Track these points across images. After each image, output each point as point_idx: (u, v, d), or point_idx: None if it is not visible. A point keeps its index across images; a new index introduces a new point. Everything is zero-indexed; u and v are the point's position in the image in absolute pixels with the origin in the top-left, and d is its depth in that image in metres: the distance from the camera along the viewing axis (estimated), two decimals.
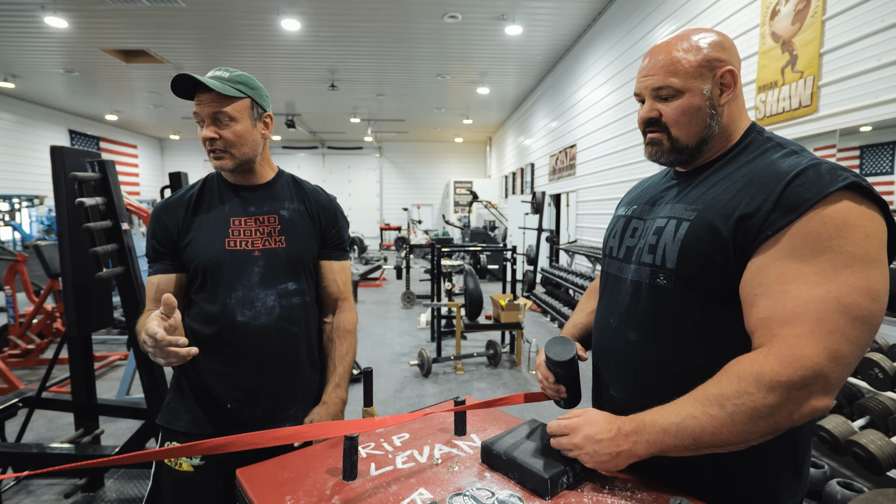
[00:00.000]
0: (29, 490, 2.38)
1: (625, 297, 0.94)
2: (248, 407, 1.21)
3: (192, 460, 1.19)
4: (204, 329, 1.20)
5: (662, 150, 0.91)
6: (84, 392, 2.33)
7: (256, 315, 1.20)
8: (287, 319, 1.23)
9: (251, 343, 1.20)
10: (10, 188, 10.14)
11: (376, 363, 4.51)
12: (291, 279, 1.25)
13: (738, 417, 0.71)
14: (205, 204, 1.24)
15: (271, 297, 1.21)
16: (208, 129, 1.14)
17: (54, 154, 2.10)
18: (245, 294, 1.19)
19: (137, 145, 14.84)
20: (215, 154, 1.16)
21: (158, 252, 1.22)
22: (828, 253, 0.71)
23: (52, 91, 9.87)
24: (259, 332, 1.20)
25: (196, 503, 1.22)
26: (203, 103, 1.13)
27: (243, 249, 1.20)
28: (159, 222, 1.22)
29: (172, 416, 1.23)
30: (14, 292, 4.33)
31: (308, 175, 16.73)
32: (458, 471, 0.91)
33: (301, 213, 1.29)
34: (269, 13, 6.06)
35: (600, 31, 6.09)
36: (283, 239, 1.24)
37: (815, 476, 2.29)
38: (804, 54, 2.80)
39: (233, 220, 1.22)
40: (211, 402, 1.21)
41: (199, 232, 1.20)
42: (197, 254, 1.19)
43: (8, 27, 6.50)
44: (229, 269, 1.19)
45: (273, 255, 1.22)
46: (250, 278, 1.20)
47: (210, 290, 1.20)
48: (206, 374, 1.21)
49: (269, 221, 1.24)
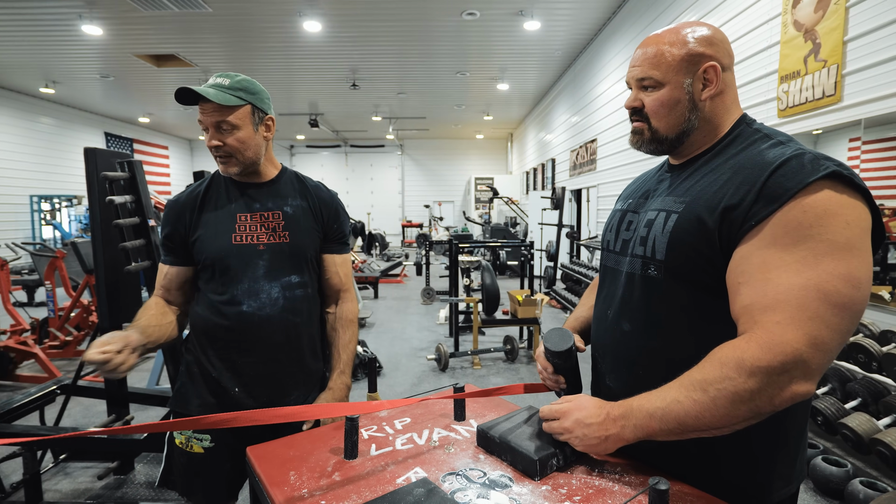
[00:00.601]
0: (66, 472, 2.53)
1: (620, 288, 0.97)
2: (254, 392, 1.28)
3: (203, 442, 1.27)
4: (213, 318, 1.27)
5: (643, 140, 0.95)
6: (116, 381, 2.46)
7: (261, 306, 1.26)
8: (290, 310, 1.29)
9: (256, 332, 1.26)
10: (50, 189, 10.66)
11: (395, 358, 4.59)
12: (295, 272, 1.30)
13: (720, 402, 0.73)
14: (212, 201, 1.30)
15: (276, 289, 1.27)
16: (213, 138, 1.21)
17: (88, 155, 2.22)
18: (251, 286, 1.26)
19: (168, 146, 15.35)
20: (221, 160, 1.24)
21: (168, 246, 1.31)
22: (809, 241, 0.72)
23: (89, 95, 10.31)
24: (264, 321, 1.26)
25: (205, 482, 1.29)
26: (206, 112, 1.18)
27: (249, 244, 1.27)
28: (168, 219, 1.30)
29: (183, 400, 1.30)
30: (54, 287, 4.56)
31: (331, 173, 17.01)
32: (454, 453, 0.95)
33: (304, 209, 1.34)
34: (291, 16, 6.20)
35: (620, 25, 6.00)
36: (286, 234, 1.30)
37: (837, 475, 2.25)
38: (827, 42, 2.72)
39: (239, 217, 1.28)
40: (219, 387, 1.28)
41: (207, 228, 1.27)
42: (206, 249, 1.26)
43: (48, 36, 6.83)
44: (236, 263, 1.25)
45: (277, 250, 1.28)
46: (256, 271, 1.26)
47: (218, 281, 1.27)
48: (214, 360, 1.28)
49: (273, 218, 1.30)
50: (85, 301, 4.70)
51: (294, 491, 0.83)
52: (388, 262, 10.93)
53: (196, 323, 1.30)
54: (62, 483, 2.43)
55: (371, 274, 7.79)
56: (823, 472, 2.28)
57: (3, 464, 2.44)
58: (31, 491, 2.13)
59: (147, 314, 1.25)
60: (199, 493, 1.31)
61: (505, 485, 0.83)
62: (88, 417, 3.24)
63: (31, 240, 10.03)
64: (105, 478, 2.42)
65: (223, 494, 1.32)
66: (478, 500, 0.78)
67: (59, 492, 2.35)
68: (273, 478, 0.88)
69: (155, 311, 1.27)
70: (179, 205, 1.31)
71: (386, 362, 4.43)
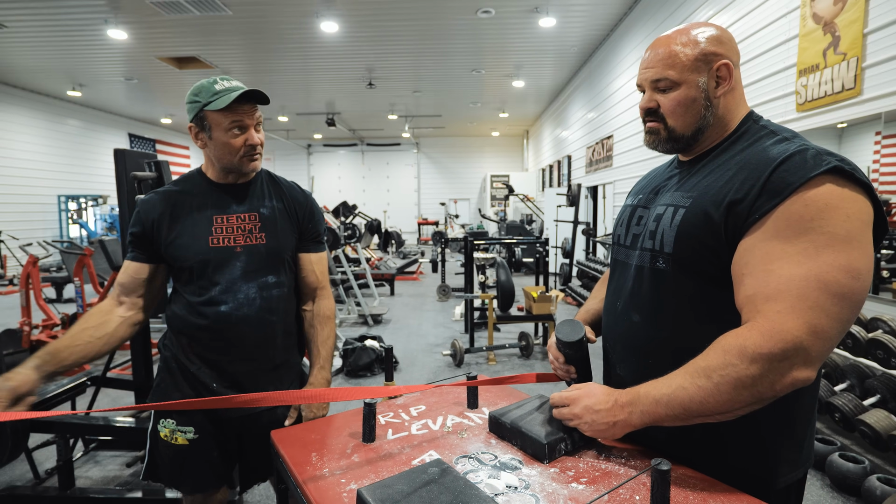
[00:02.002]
0: (96, 460, 2.64)
1: (629, 281, 1.00)
2: (231, 389, 1.32)
3: (187, 434, 1.31)
4: (191, 318, 1.29)
5: (659, 139, 0.96)
6: (143, 372, 2.56)
7: (239, 306, 1.28)
8: (267, 310, 1.32)
9: (234, 331, 1.29)
10: (77, 189, 10.99)
11: (411, 353, 4.65)
12: (271, 273, 1.33)
13: (723, 388, 0.76)
14: (187, 202, 1.31)
15: (252, 289, 1.30)
16: (258, 135, 1.27)
17: (117, 156, 2.31)
18: (228, 287, 1.28)
19: (189, 146, 15.67)
20: (253, 158, 1.29)
21: (135, 243, 1.31)
22: (810, 234, 0.75)
23: (114, 98, 10.61)
24: (241, 321, 1.29)
25: (192, 473, 1.33)
26: (247, 112, 1.24)
27: (226, 246, 1.29)
28: (139, 217, 1.30)
29: (164, 396, 1.34)
30: (82, 283, 4.73)
31: (348, 172, 17.17)
32: (467, 437, 0.99)
33: (280, 210, 1.37)
34: (309, 17, 6.29)
35: (636, 20, 5.95)
36: (263, 236, 1.32)
37: (854, 471, 2.23)
38: (847, 35, 2.68)
39: (215, 219, 1.30)
40: (197, 382, 1.31)
41: (184, 230, 1.28)
42: (183, 251, 1.27)
43: (75, 41, 7.06)
44: (214, 265, 1.28)
45: (254, 251, 1.31)
46: (233, 273, 1.29)
47: (196, 284, 1.29)
48: (192, 358, 1.32)
49: (249, 219, 1.32)
50: None
51: (316, 470, 0.89)
52: (405, 259, 11.01)
53: (174, 323, 1.33)
54: (92, 470, 2.55)
55: (388, 271, 7.87)
56: (840, 469, 2.27)
57: (37, 451, 2.56)
58: (64, 477, 2.23)
59: (79, 328, 1.23)
60: (188, 482, 1.35)
61: (515, 467, 0.87)
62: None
63: (59, 238, 10.36)
64: (133, 465, 2.53)
65: (211, 481, 1.35)
66: (489, 479, 0.82)
67: (90, 478, 2.46)
68: (296, 458, 0.94)
69: (92, 323, 1.25)
70: (152, 204, 1.30)
71: (402, 358, 4.49)
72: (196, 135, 1.27)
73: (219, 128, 1.23)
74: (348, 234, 6.89)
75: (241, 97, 1.21)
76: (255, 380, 1.33)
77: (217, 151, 1.26)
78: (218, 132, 1.23)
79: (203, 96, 1.21)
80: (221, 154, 1.26)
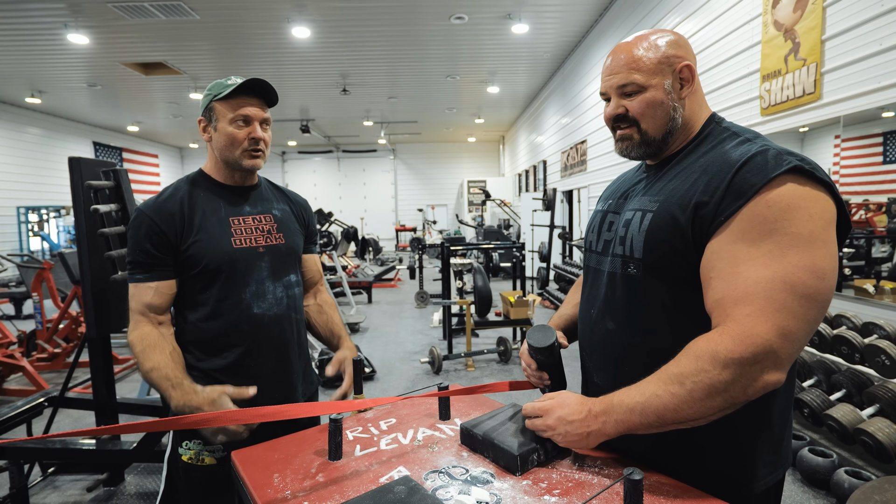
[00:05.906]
0: (55, 486, 2.50)
1: (602, 288, 0.98)
2: (267, 391, 1.24)
3: (215, 453, 1.22)
4: (216, 325, 1.23)
5: (633, 144, 0.95)
6: (104, 391, 2.44)
7: (269, 307, 1.29)
8: (293, 308, 1.35)
9: (267, 332, 1.28)
10: (38, 200, 10.56)
11: (388, 361, 4.58)
12: (292, 272, 1.37)
13: (696, 394, 0.74)
14: (199, 205, 1.25)
15: (279, 288, 1.31)
16: (262, 131, 1.26)
17: (72, 165, 2.21)
18: (258, 288, 1.27)
19: (158, 154, 15.27)
20: (255, 154, 1.26)
21: (150, 262, 1.18)
22: (774, 235, 0.74)
23: (77, 105, 10.24)
24: (273, 321, 1.29)
25: (222, 494, 1.21)
26: (255, 106, 1.24)
27: (249, 247, 1.27)
28: (153, 226, 1.18)
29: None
30: (41, 299, 4.52)
31: (323, 179, 16.99)
32: (438, 451, 0.95)
33: (288, 212, 1.41)
34: (280, 22, 6.20)
35: (607, 27, 6.07)
36: (281, 236, 1.34)
37: (823, 465, 2.27)
38: (806, 41, 2.77)
39: (232, 220, 1.28)
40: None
41: (203, 233, 1.22)
42: (206, 254, 1.20)
43: (34, 45, 6.79)
44: (241, 266, 1.25)
45: (276, 251, 1.32)
46: (260, 273, 1.28)
47: (223, 287, 1.23)
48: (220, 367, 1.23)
49: (265, 220, 1.33)
50: (73, 312, 4.65)
51: (277, 493, 0.84)
52: (382, 266, 10.92)
53: (190, 332, 1.25)
54: (51, 497, 2.41)
55: (365, 279, 7.77)
56: (810, 463, 2.31)
57: None
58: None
59: (167, 358, 1.15)
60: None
61: (486, 480, 0.84)
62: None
63: (19, 251, 9.93)
64: (94, 490, 2.40)
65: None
66: (459, 496, 0.79)
67: None
68: (256, 480, 0.88)
69: (171, 348, 1.17)
70: (164, 209, 1.21)
71: (380, 367, 4.42)
72: (204, 128, 1.28)
73: (224, 118, 1.23)
74: (324, 241, 6.79)
75: (251, 94, 1.22)
76: (288, 379, 1.33)
77: (220, 143, 1.25)
78: (223, 123, 1.23)
79: (215, 90, 1.24)
80: (224, 146, 1.24)
